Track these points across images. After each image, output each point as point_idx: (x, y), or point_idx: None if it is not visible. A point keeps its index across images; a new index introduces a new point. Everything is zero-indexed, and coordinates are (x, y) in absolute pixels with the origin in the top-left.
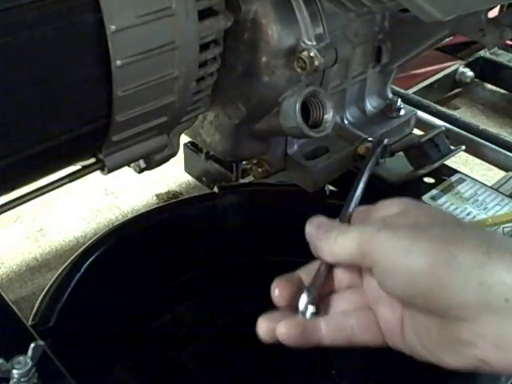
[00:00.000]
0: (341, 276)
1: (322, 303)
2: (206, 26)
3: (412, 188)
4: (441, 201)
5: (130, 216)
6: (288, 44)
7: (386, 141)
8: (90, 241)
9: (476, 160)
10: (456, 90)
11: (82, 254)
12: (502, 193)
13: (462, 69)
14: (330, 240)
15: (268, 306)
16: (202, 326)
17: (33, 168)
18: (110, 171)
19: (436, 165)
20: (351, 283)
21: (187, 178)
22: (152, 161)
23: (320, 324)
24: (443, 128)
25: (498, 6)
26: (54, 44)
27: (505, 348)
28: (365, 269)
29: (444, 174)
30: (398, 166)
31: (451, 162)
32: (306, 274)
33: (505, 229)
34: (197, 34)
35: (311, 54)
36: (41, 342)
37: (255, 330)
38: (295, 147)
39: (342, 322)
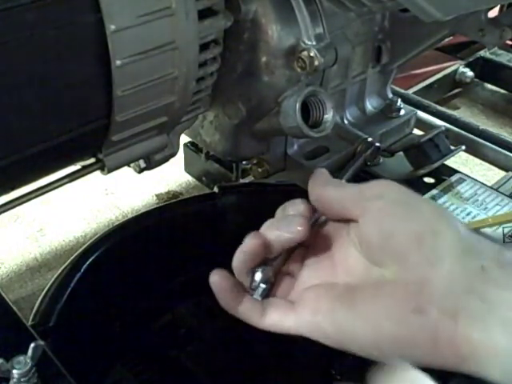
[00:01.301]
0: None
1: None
2: (206, 26)
3: (412, 188)
4: (441, 201)
5: (129, 216)
6: (288, 44)
7: (377, 143)
8: (90, 241)
9: (476, 160)
10: (456, 90)
11: (82, 254)
12: (502, 193)
13: (461, 69)
14: (333, 182)
15: None
16: (202, 326)
17: (33, 168)
18: (109, 171)
19: (436, 165)
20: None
21: (187, 178)
22: (152, 161)
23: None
24: (443, 128)
25: (498, 6)
26: (54, 44)
27: None
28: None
29: (444, 174)
30: (398, 165)
31: (451, 162)
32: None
33: (505, 229)
34: (197, 34)
35: (311, 54)
36: (41, 342)
37: (255, 330)
38: (295, 147)
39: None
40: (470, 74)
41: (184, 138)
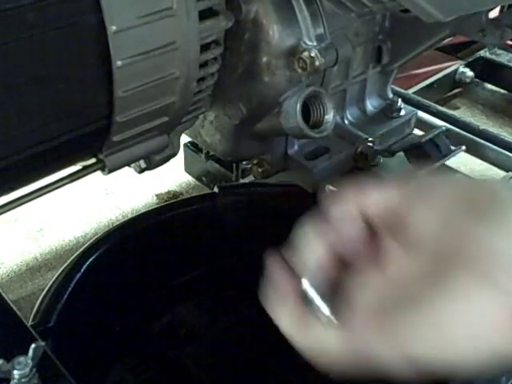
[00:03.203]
0: None
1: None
2: (207, 27)
3: None
4: None
5: (129, 216)
6: (289, 44)
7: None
8: (90, 241)
9: (476, 160)
10: (456, 90)
11: (81, 254)
12: None
13: (461, 69)
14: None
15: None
16: (202, 327)
17: (33, 168)
18: (110, 171)
19: (436, 165)
20: None
21: (187, 178)
22: (152, 161)
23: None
24: (443, 128)
25: (499, 7)
26: (55, 44)
27: None
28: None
29: (444, 174)
30: (398, 166)
31: (451, 162)
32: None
33: None
34: (197, 35)
35: (312, 55)
36: (41, 343)
37: (255, 331)
38: (296, 147)
39: None
40: (470, 73)
41: (184, 138)
